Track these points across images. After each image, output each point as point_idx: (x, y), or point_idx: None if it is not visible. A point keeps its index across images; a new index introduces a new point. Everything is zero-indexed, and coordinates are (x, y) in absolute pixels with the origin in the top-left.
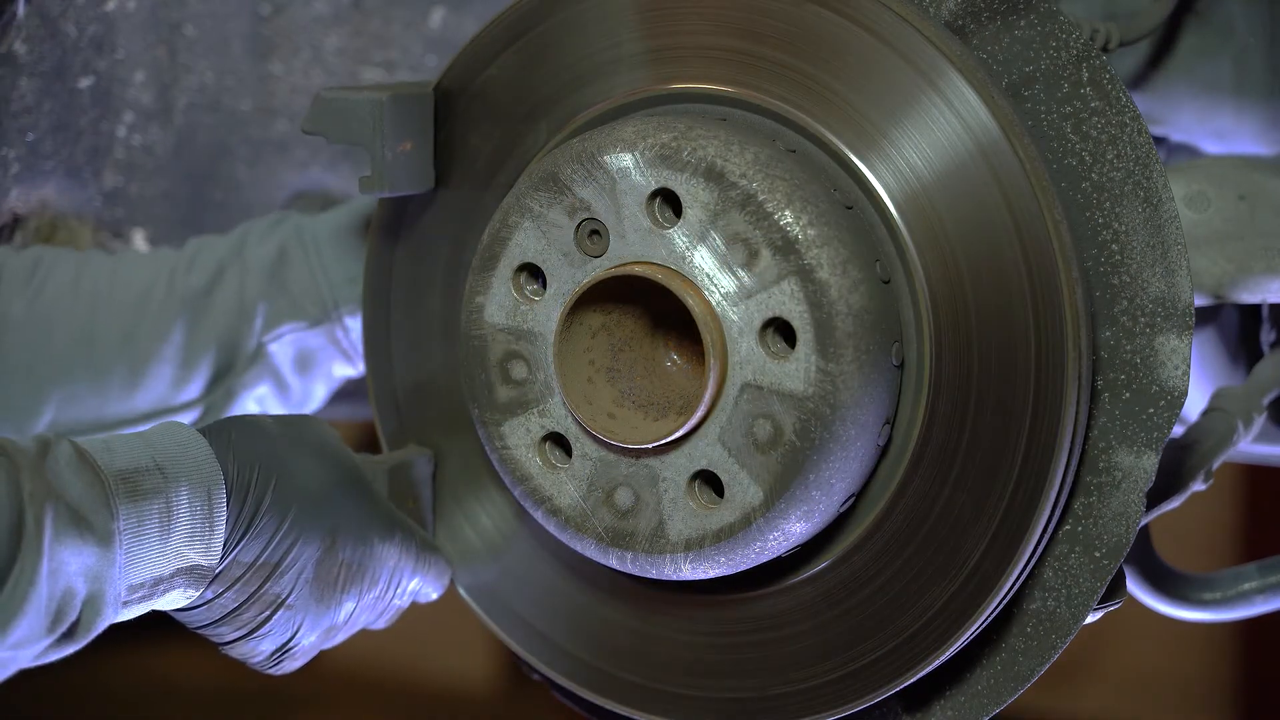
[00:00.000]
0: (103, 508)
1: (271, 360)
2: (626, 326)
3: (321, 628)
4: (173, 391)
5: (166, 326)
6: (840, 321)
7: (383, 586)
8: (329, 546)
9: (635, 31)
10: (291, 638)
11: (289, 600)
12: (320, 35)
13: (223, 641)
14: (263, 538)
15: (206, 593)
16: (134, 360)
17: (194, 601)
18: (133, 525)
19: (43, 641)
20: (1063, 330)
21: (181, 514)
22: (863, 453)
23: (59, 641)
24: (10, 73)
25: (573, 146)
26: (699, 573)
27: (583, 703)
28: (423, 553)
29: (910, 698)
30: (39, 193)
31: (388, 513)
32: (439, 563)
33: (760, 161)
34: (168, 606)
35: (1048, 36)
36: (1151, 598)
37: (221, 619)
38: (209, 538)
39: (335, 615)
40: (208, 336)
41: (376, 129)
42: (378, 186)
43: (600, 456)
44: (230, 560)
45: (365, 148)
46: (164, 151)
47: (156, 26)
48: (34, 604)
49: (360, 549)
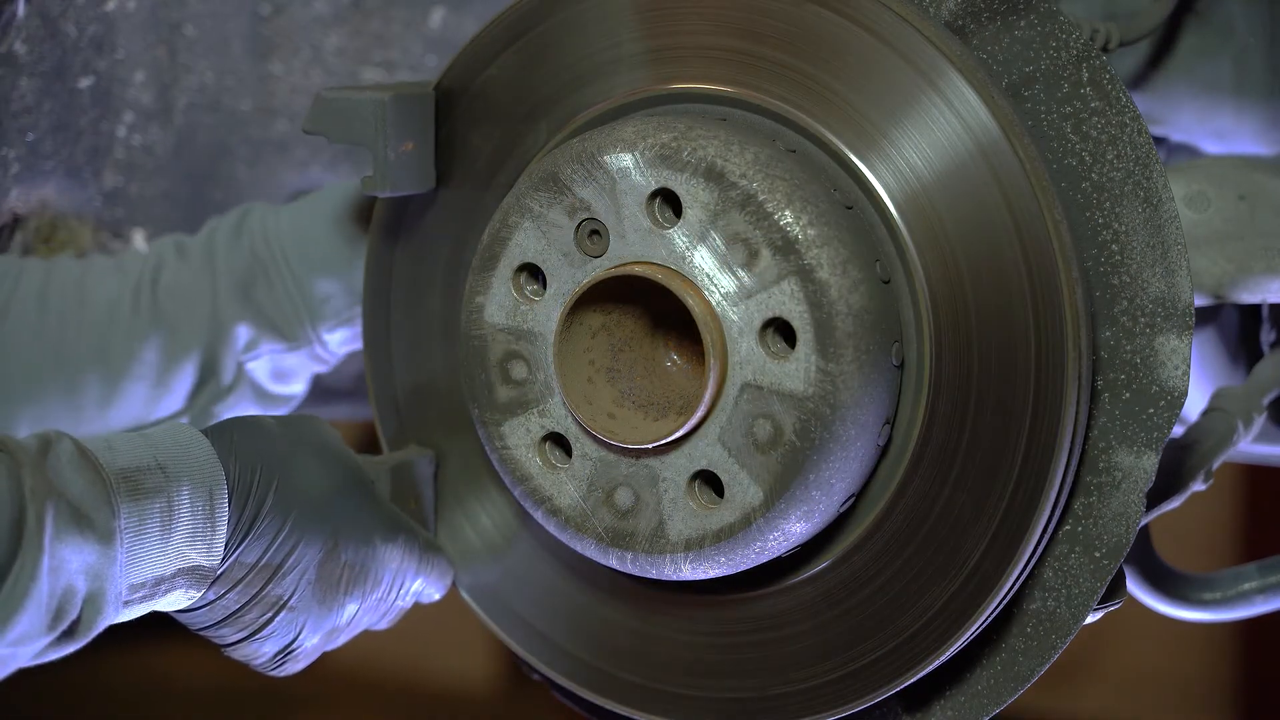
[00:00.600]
0: (104, 505)
1: (251, 377)
2: (626, 326)
3: (324, 629)
4: (148, 409)
5: (139, 344)
6: (840, 321)
7: (385, 588)
8: (331, 548)
9: (635, 31)
10: (294, 639)
11: (291, 602)
12: (320, 35)
13: (225, 643)
14: (265, 539)
15: (208, 594)
16: (107, 378)
17: (195, 602)
18: (134, 524)
19: (43, 639)
20: (1063, 330)
21: (183, 514)
22: (863, 453)
23: (59, 640)
24: (10, 73)
25: (573, 146)
26: (699, 573)
27: (583, 703)
28: (425, 553)
29: (910, 698)
30: (39, 193)
31: (390, 514)
32: (441, 563)
33: (760, 161)
34: (169, 607)
35: (1048, 36)
36: (1151, 598)
37: (223, 620)
38: (211, 538)
39: (338, 617)
40: (182, 353)
41: (379, 129)
42: (380, 186)
43: (600, 456)
44: (232, 561)
45: (368, 148)
46: (164, 151)
47: (156, 26)
48: (34, 600)
49: (363, 550)
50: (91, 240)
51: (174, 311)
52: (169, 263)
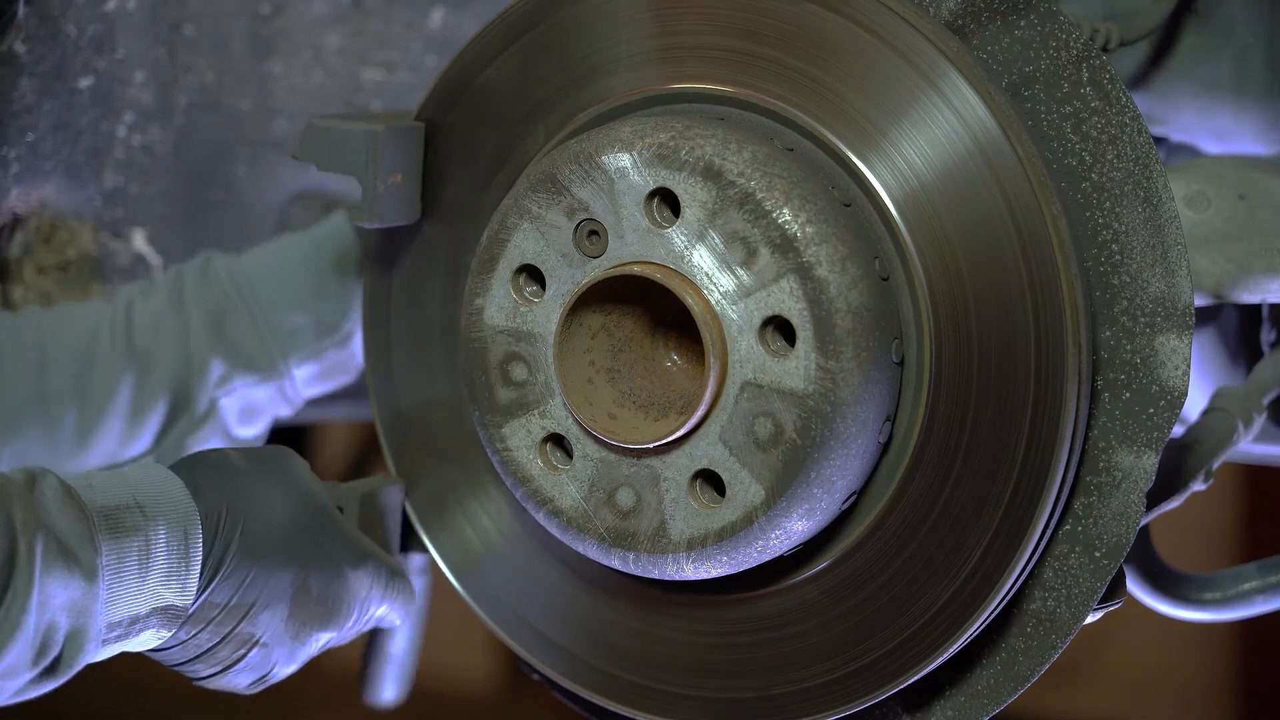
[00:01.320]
0: (87, 543)
1: (221, 415)
2: (626, 327)
3: (297, 660)
4: (122, 446)
5: (114, 381)
6: (839, 319)
7: (355, 617)
8: (301, 584)
9: (634, 32)
10: (268, 672)
11: (263, 639)
12: (320, 35)
13: (198, 678)
14: (233, 579)
15: (180, 633)
16: (84, 415)
17: (167, 642)
18: (114, 561)
19: (25, 675)
20: (1063, 329)
21: (159, 552)
22: (864, 450)
23: (40, 677)
24: (10, 73)
25: (570, 147)
26: (701, 572)
27: (583, 703)
28: (391, 580)
29: (910, 698)
30: (39, 193)
31: (357, 543)
32: (406, 588)
33: (758, 160)
34: (141, 647)
35: (1048, 36)
36: (1151, 598)
37: (196, 658)
38: (184, 577)
39: (310, 647)
40: (156, 390)
41: (370, 160)
42: (367, 217)
43: (601, 457)
44: (203, 601)
45: (357, 178)
46: (164, 151)
47: (156, 26)
48: (23, 634)
49: (333, 584)
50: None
51: (148, 347)
52: (139, 302)
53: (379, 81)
